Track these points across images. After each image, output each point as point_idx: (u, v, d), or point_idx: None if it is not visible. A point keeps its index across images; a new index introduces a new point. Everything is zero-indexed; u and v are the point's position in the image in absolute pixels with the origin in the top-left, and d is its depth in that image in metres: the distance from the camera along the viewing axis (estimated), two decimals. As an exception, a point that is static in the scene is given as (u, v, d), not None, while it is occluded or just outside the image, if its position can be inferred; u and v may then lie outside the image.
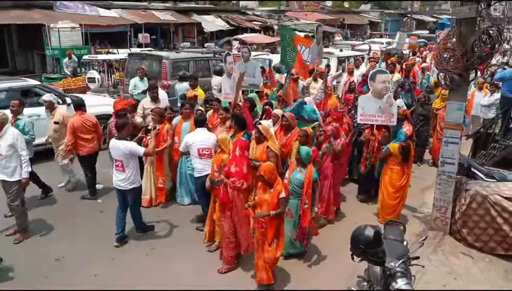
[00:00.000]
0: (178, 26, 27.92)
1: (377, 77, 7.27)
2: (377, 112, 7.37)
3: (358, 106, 7.59)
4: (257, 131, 6.31)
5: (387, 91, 7.20)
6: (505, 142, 8.18)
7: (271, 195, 4.97)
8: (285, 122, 6.90)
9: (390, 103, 7.29)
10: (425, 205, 7.57)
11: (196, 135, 6.47)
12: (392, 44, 16.78)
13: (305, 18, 35.67)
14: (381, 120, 7.39)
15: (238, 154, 5.53)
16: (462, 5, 5.79)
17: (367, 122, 7.54)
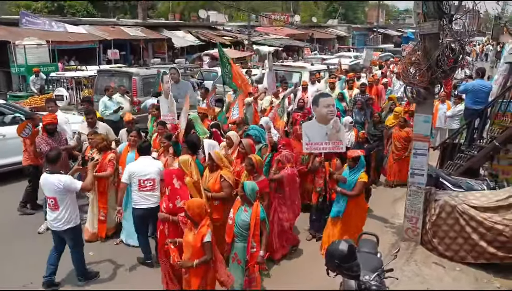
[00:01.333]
0: (148, 42, 27.77)
1: (320, 101, 6.61)
2: (323, 139, 6.65)
3: (302, 134, 6.88)
4: (209, 159, 5.82)
5: (332, 115, 6.56)
6: (470, 152, 8.44)
7: (194, 237, 4.39)
8: (242, 149, 6.35)
9: (337, 129, 6.61)
10: (397, 216, 7.69)
11: (139, 164, 5.88)
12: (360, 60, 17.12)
13: (275, 33, 36.19)
14: (328, 147, 6.67)
15: (179, 186, 5.12)
16: (425, 21, 6.01)
17: (314, 151, 6.79)
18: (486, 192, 6.39)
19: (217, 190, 5.70)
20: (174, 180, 5.15)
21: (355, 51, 31.67)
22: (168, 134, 7.08)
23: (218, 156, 5.86)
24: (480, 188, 6.87)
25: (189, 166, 5.48)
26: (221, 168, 5.82)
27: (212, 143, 6.63)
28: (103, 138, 6.85)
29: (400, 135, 9.27)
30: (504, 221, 5.79)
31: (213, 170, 5.84)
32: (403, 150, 9.27)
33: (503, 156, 8.38)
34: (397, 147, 9.38)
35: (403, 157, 9.23)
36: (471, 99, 8.91)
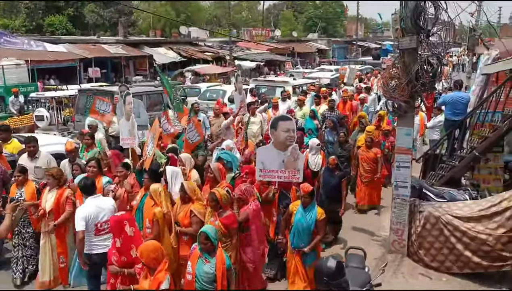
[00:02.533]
0: (129, 59, 27.71)
1: (279, 125, 6.02)
2: (279, 167, 6.05)
3: (257, 160, 6.22)
4: (181, 190, 5.29)
5: (291, 141, 5.96)
6: (452, 162, 8.59)
7: (150, 284, 3.92)
8: (210, 174, 5.98)
9: (295, 157, 6.02)
10: (383, 228, 7.74)
11: (90, 207, 5.12)
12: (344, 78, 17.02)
13: (256, 48, 36.47)
14: (284, 176, 6.06)
15: (132, 232, 4.52)
16: (403, 36, 6.15)
17: (268, 179, 6.14)
18: (468, 202, 6.50)
19: (187, 225, 5.24)
20: (126, 227, 4.51)
21: (335, 64, 32.12)
22: (125, 162, 6.46)
23: (191, 187, 5.36)
24: (462, 198, 6.98)
25: (159, 196, 5.12)
26: (192, 201, 5.30)
27: (175, 171, 6.04)
28: (60, 171, 6.11)
29: (368, 157, 8.61)
30: (487, 230, 5.88)
31: (185, 201, 5.35)
32: (372, 172, 8.61)
33: (483, 165, 8.56)
34: (365, 168, 8.67)
35: (373, 179, 8.63)
36: (450, 111, 9.11)
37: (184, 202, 5.34)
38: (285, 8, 65.04)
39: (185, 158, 6.70)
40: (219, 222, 5.02)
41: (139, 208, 5.64)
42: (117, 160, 7.02)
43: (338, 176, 7.11)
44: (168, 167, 6.11)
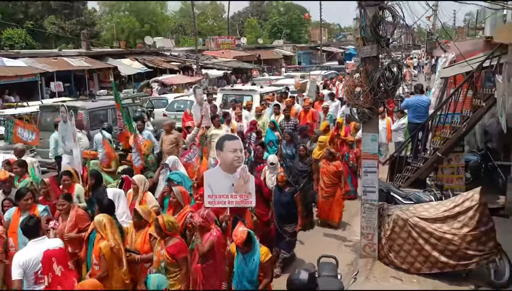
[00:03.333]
0: (93, 71, 27.17)
1: (225, 145, 5.58)
2: (229, 191, 5.61)
3: (204, 185, 5.77)
4: (135, 215, 5.01)
5: (240, 163, 5.54)
6: (416, 164, 8.85)
7: None
8: (173, 199, 5.65)
9: (245, 179, 5.58)
10: (354, 233, 7.85)
11: (30, 252, 4.38)
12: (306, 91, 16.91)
13: (223, 56, 36.50)
14: (235, 201, 5.63)
15: (60, 272, 4.23)
16: (364, 45, 6.31)
17: (218, 205, 5.69)
18: (434, 203, 6.70)
19: (147, 251, 4.92)
20: (54, 265, 4.15)
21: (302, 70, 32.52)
22: (66, 194, 5.85)
23: (145, 210, 5.11)
24: (428, 199, 7.21)
25: (104, 228, 4.69)
26: (149, 225, 4.99)
27: (117, 192, 5.68)
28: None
29: (328, 170, 8.11)
30: (452, 230, 6.06)
31: (140, 227, 5.00)
32: (332, 187, 8.13)
33: (446, 165, 8.87)
34: (325, 183, 8.17)
35: (333, 194, 8.15)
36: (413, 114, 9.39)
37: (140, 227, 5.05)
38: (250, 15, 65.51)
39: (139, 179, 6.20)
40: (165, 251, 4.65)
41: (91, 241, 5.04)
42: (57, 188, 6.40)
43: (289, 192, 6.60)
44: (109, 189, 5.71)
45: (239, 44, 43.05)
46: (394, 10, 6.06)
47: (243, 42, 45.50)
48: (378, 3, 6.02)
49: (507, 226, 7.35)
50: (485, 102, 7.97)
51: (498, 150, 9.81)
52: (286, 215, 6.58)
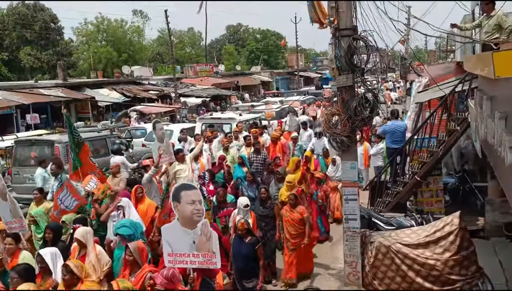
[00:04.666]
0: (70, 102, 26.88)
1: (182, 196, 4.84)
2: (190, 250, 4.93)
3: (163, 242, 5.18)
4: (65, 271, 4.45)
5: (200, 216, 4.83)
6: (396, 188, 8.94)
7: None
8: (129, 257, 5.03)
9: (207, 236, 4.85)
10: (337, 260, 7.79)
11: None
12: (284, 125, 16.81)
13: (201, 83, 36.72)
14: (198, 262, 4.93)
15: None
16: (340, 74, 6.41)
17: (179, 265, 5.04)
18: (415, 228, 6.73)
19: None
20: None
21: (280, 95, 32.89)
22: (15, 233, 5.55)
23: (77, 264, 4.56)
24: (409, 224, 7.26)
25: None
26: (81, 281, 4.51)
27: (53, 252, 4.96)
28: None
29: (292, 218, 6.92)
30: (434, 256, 6.07)
31: (71, 285, 4.45)
32: (299, 237, 6.94)
33: (425, 188, 8.97)
34: (291, 233, 6.96)
35: (301, 245, 6.97)
36: (390, 139, 9.56)
37: (71, 285, 4.47)
38: (227, 42, 66.37)
39: (82, 234, 5.33)
40: None
41: None
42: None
43: (250, 243, 5.95)
44: (42, 250, 5.06)
45: (217, 71, 43.46)
46: (368, 40, 6.21)
47: (221, 69, 45.95)
48: (352, 34, 6.17)
49: (487, 248, 7.43)
50: (459, 126, 8.17)
51: (475, 172, 10.01)
52: (246, 268, 5.99)
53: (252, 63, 57.74)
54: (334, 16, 6.17)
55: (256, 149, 10.12)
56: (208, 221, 4.93)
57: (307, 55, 72.82)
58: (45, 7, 43.77)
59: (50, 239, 5.88)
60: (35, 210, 7.02)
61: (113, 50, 44.53)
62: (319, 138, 12.02)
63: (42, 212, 7.00)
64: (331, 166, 9.96)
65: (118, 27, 47.16)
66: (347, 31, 6.26)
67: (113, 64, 43.07)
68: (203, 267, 4.94)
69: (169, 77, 36.17)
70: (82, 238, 5.25)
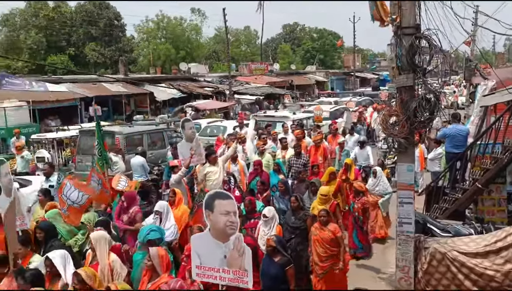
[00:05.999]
0: (130, 96, 28.03)
1: (216, 206, 4.50)
2: (221, 264, 4.56)
3: (191, 252, 4.84)
4: (76, 280, 4.24)
5: (233, 230, 4.43)
6: (455, 195, 8.55)
7: None
8: (148, 261, 4.73)
9: (240, 252, 4.44)
10: (388, 264, 7.62)
11: None
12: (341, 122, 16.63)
13: (255, 81, 36.98)
14: (228, 278, 4.54)
15: None
16: (400, 73, 6.24)
17: (207, 279, 4.74)
18: (474, 237, 6.42)
19: None
20: None
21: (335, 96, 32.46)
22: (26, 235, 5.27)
23: (89, 274, 4.30)
24: (467, 232, 6.91)
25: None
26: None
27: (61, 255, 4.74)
28: None
29: (322, 237, 6.06)
30: (494, 266, 5.78)
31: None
32: (330, 259, 6.07)
33: (486, 196, 8.50)
34: (319, 255, 6.07)
35: (331, 269, 6.09)
36: (450, 144, 9.15)
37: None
38: (283, 41, 66.37)
39: (95, 238, 5.03)
40: None
41: None
42: None
43: (280, 263, 5.30)
44: (51, 253, 4.78)
45: (271, 70, 43.56)
46: (431, 39, 5.99)
47: (276, 68, 46.04)
48: (415, 33, 5.97)
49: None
50: (527, 132, 7.70)
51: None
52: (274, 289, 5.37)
53: (308, 62, 57.40)
54: (396, 14, 5.99)
55: (297, 152, 9.47)
56: (242, 235, 4.52)
57: (364, 56, 71.38)
58: (109, 5, 45.92)
59: (42, 238, 5.62)
60: (49, 212, 6.62)
61: (171, 48, 45.95)
62: (362, 148, 11.15)
63: (56, 213, 6.62)
64: (371, 178, 8.93)
65: (177, 24, 48.62)
66: (410, 30, 6.05)
67: (171, 61, 44.46)
68: (232, 285, 4.55)
69: (224, 74, 36.74)
70: (94, 242, 4.99)
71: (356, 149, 11.26)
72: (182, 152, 8.40)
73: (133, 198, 6.91)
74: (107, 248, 5.01)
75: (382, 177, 8.59)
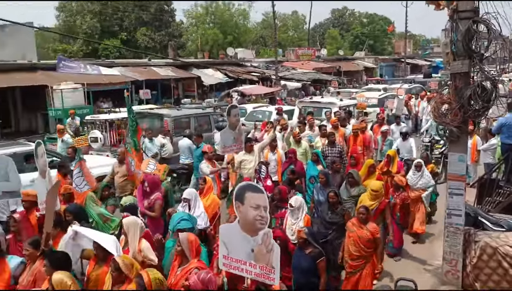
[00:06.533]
0: (178, 80, 28.57)
1: (246, 198, 4.29)
2: (248, 258, 4.39)
3: (219, 240, 4.72)
4: (113, 268, 4.12)
5: (263, 225, 4.22)
6: (509, 188, 8.17)
7: None
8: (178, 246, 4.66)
9: (268, 247, 4.24)
10: (435, 257, 7.40)
11: None
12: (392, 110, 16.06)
13: (302, 67, 36.62)
14: (254, 273, 4.36)
15: None
16: (454, 60, 5.98)
17: (234, 271, 4.54)
18: (529, 233, 6.13)
19: None
20: None
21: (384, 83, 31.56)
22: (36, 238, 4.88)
23: (127, 262, 4.15)
24: (522, 227, 6.60)
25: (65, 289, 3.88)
26: (129, 280, 4.09)
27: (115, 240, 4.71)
28: None
29: (360, 236, 5.62)
30: (550, 264, 5.51)
31: (118, 281, 4.12)
32: (361, 260, 5.66)
33: (544, 191, 8.07)
34: (351, 253, 5.68)
35: (360, 270, 5.67)
36: (506, 134, 8.68)
37: (118, 282, 4.14)
38: (331, 26, 65.09)
39: (127, 224, 5.02)
40: None
41: None
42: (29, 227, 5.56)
43: (311, 255, 5.16)
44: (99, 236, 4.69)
45: (319, 55, 42.92)
46: (490, 23, 5.68)
47: (323, 53, 45.30)
48: (472, 16, 5.68)
49: None
50: None
51: None
52: (306, 284, 5.19)
53: (356, 48, 56.07)
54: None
55: (330, 141, 9.02)
56: (271, 231, 4.29)
57: (416, 42, 68.71)
58: (160, -10, 46.68)
59: (71, 221, 5.58)
60: None
61: (219, 32, 46.24)
62: (404, 139, 10.44)
63: (89, 196, 6.64)
64: (414, 171, 8.16)
65: (225, 10, 48.79)
66: (467, 13, 5.77)
67: (218, 46, 44.79)
68: (259, 280, 4.38)
69: (271, 60, 36.60)
70: (125, 228, 4.97)
71: (399, 141, 10.62)
72: (223, 139, 8.03)
73: (156, 183, 6.80)
74: (138, 234, 4.97)
75: (425, 170, 8.15)
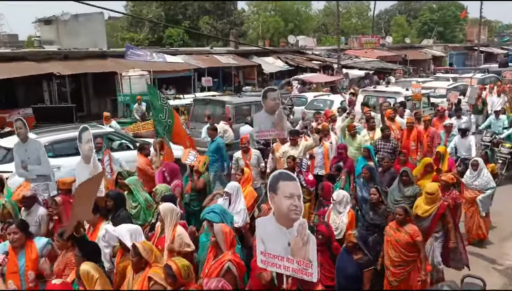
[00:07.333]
0: (239, 68, 28.85)
1: (280, 187, 4.06)
2: (285, 253, 4.17)
3: (256, 236, 4.44)
4: (134, 253, 4.08)
5: (297, 215, 3.99)
6: None
7: None
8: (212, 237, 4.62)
9: (304, 239, 4.02)
10: (505, 256, 7.01)
11: None
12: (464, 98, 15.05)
13: (365, 55, 35.58)
14: (291, 269, 4.18)
15: None
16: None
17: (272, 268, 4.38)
18: None
19: None
20: None
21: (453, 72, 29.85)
22: (63, 230, 4.74)
23: (147, 247, 4.14)
24: None
25: (91, 281, 3.89)
26: (149, 265, 4.07)
27: (132, 229, 4.55)
28: None
29: (397, 239, 5.23)
30: None
31: (139, 267, 4.09)
32: (405, 266, 5.24)
33: None
34: (392, 259, 5.28)
35: (403, 277, 5.26)
36: None
37: (138, 268, 4.12)
38: (398, 13, 62.53)
39: (164, 210, 4.93)
40: None
41: None
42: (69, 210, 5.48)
43: (359, 262, 4.75)
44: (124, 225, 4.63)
45: (383, 43, 41.43)
46: None
47: (388, 41, 43.65)
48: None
49: None
50: None
51: None
52: (347, 289, 4.84)
53: (424, 36, 53.38)
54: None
55: (385, 135, 8.38)
56: (306, 221, 4.04)
57: (491, 28, 64.24)
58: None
59: (111, 207, 5.59)
60: (129, 179, 6.42)
61: (280, 20, 45.99)
62: (463, 136, 9.50)
63: (136, 180, 6.47)
64: (471, 171, 7.49)
65: (287, -3, 48.37)
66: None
67: (279, 33, 44.61)
68: (297, 276, 4.11)
69: (333, 48, 35.88)
70: (162, 214, 4.88)
71: (457, 138, 9.69)
72: (258, 123, 7.69)
73: (175, 171, 6.85)
74: (174, 221, 4.91)
75: (483, 169, 7.41)
